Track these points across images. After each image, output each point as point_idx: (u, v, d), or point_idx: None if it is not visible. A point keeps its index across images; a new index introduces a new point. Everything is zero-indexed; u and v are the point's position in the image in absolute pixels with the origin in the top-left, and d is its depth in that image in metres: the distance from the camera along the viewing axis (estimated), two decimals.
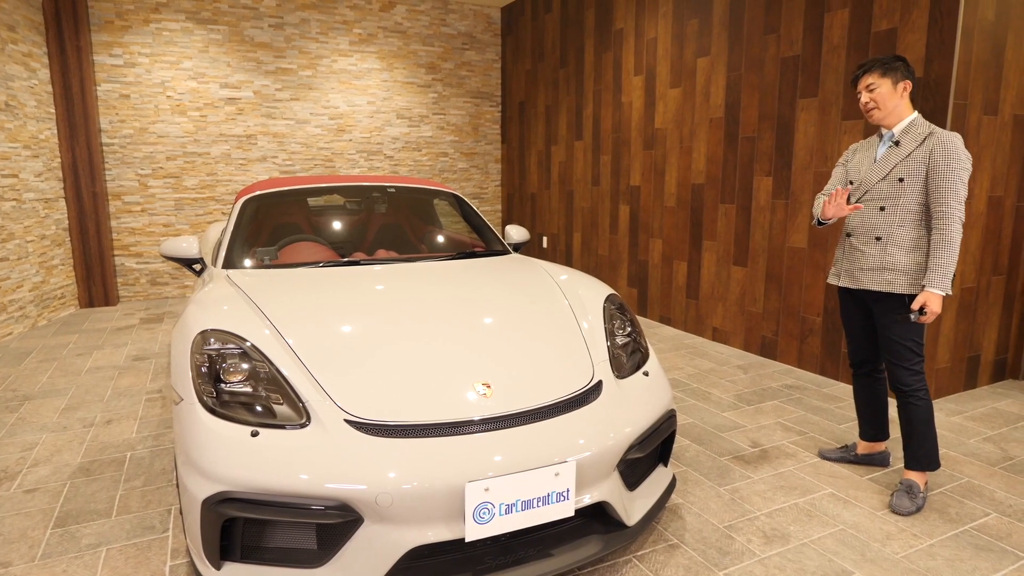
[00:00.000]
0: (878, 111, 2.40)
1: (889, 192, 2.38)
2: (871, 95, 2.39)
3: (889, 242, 2.38)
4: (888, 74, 2.36)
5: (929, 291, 2.26)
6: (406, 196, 3.60)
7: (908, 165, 2.33)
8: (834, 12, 3.73)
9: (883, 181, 2.39)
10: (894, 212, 2.37)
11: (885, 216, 2.39)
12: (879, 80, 2.37)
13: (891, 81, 2.36)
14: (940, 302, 2.26)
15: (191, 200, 6.46)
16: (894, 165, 2.36)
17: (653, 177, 5.35)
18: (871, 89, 2.39)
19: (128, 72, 6.03)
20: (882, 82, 2.37)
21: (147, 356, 4.43)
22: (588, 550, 1.83)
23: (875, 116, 2.42)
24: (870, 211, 2.44)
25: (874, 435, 2.71)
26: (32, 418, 3.30)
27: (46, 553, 2.12)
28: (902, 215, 2.36)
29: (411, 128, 7.39)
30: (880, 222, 2.41)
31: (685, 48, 4.90)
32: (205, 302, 2.16)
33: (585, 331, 2.24)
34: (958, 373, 3.64)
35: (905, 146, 2.35)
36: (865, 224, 2.45)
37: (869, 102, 2.40)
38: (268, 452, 1.65)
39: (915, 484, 2.42)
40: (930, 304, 2.25)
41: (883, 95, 2.37)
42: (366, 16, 6.95)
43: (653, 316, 5.51)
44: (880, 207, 2.40)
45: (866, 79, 2.41)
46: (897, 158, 2.36)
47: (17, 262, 5.02)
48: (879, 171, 2.41)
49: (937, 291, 2.25)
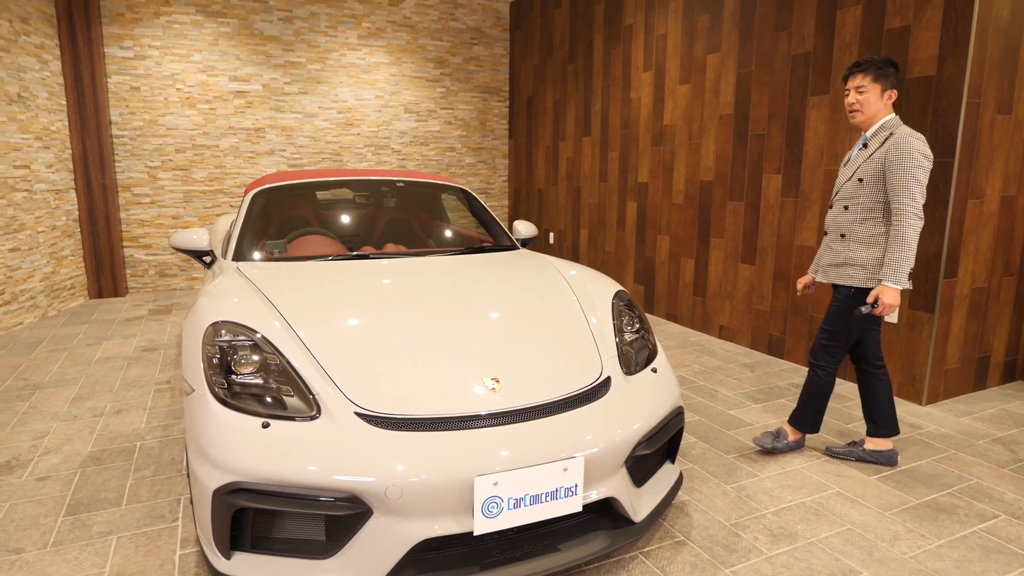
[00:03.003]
0: (860, 114, 2.48)
1: (852, 192, 2.51)
2: (859, 97, 2.45)
3: (850, 238, 2.52)
4: (879, 80, 2.43)
5: (883, 285, 2.39)
6: (414, 190, 3.61)
7: (868, 165, 2.45)
8: (846, 9, 3.70)
9: (849, 181, 2.53)
10: (856, 210, 2.51)
11: (848, 214, 2.53)
12: (870, 84, 2.44)
13: (880, 87, 2.44)
14: (895, 295, 2.37)
15: (200, 192, 6.48)
16: (857, 166, 2.49)
17: (661, 174, 5.34)
18: (860, 91, 2.45)
19: (138, 64, 6.05)
20: (872, 87, 2.43)
21: (156, 347, 4.45)
22: (595, 546, 1.84)
23: (857, 118, 2.51)
24: (839, 210, 2.57)
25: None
26: (43, 407, 3.33)
27: (58, 540, 2.14)
28: (862, 213, 2.49)
29: (419, 123, 7.39)
30: (844, 220, 2.55)
31: (695, 44, 4.87)
32: (216, 294, 2.17)
33: (594, 327, 2.24)
34: (967, 374, 3.63)
35: (871, 147, 2.46)
36: (835, 222, 2.60)
37: (855, 103, 2.47)
38: (279, 443, 1.66)
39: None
40: (883, 297, 2.38)
41: (869, 100, 2.45)
42: (375, 10, 6.95)
43: (660, 313, 5.50)
44: (845, 206, 2.55)
45: (857, 79, 2.46)
46: (861, 159, 2.49)
47: (28, 252, 5.06)
48: (847, 172, 2.54)
49: (891, 284, 2.38)
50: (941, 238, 3.31)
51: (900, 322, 3.53)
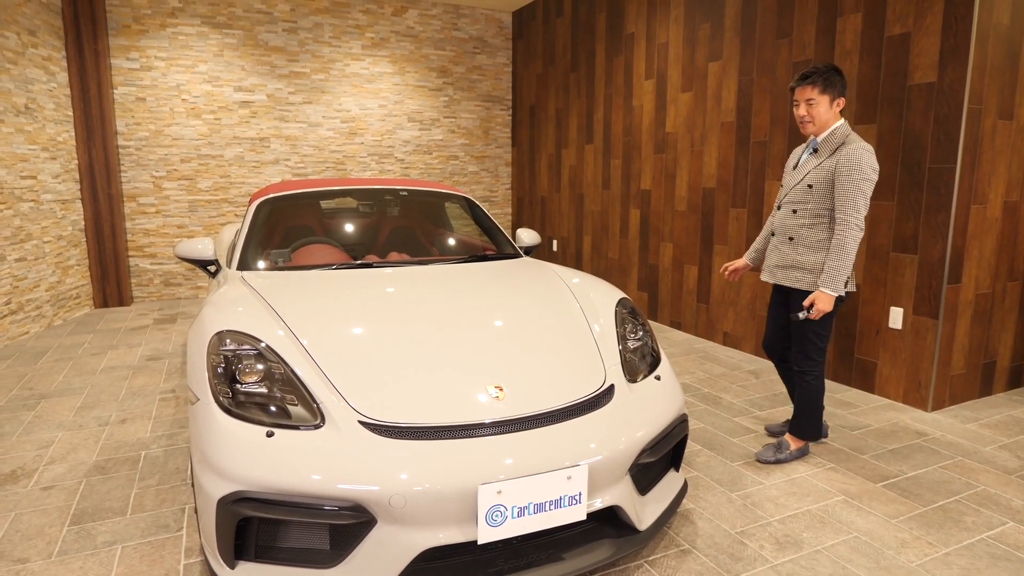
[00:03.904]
0: (812, 125, 2.54)
1: (801, 197, 2.57)
2: (809, 109, 2.51)
3: (798, 242, 2.60)
4: (828, 91, 2.49)
5: (820, 290, 2.49)
6: (418, 199, 3.62)
7: (818, 173, 2.51)
8: (847, 16, 3.72)
9: (798, 186, 2.58)
10: (804, 215, 2.58)
11: (796, 218, 2.60)
12: (819, 96, 2.49)
13: (829, 98, 2.49)
14: (829, 301, 2.47)
15: (205, 202, 6.52)
16: (807, 172, 2.54)
17: (664, 181, 5.35)
18: (811, 103, 2.50)
19: (144, 75, 6.10)
20: (821, 99, 2.49)
21: (160, 356, 4.47)
22: (600, 554, 1.83)
23: (808, 129, 2.57)
24: (787, 213, 2.63)
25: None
26: (48, 416, 3.34)
27: (63, 550, 2.14)
28: (810, 219, 2.56)
29: (422, 131, 7.43)
30: (792, 224, 2.61)
31: (696, 52, 4.89)
32: (221, 303, 2.18)
33: (597, 335, 2.24)
34: (973, 380, 3.61)
35: (821, 154, 2.52)
36: (783, 225, 2.66)
37: (805, 115, 2.52)
38: (283, 452, 1.66)
39: (786, 443, 2.78)
40: (818, 303, 2.48)
41: (820, 111, 2.51)
42: (378, 20, 7.00)
43: (663, 320, 5.50)
44: (793, 210, 2.61)
45: (807, 92, 2.50)
46: (811, 166, 2.54)
47: (34, 262, 5.09)
48: (796, 177, 2.60)
49: (827, 291, 2.46)
50: (944, 244, 3.30)
51: (905, 328, 3.52)
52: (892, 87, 3.50)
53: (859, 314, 3.77)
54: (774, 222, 2.75)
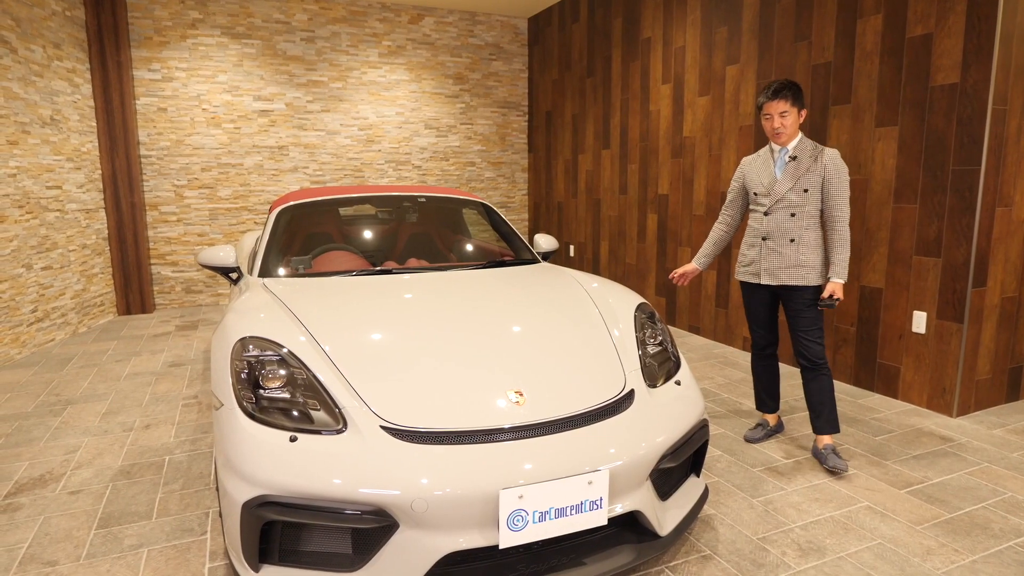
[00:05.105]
0: (785, 135, 2.75)
1: (797, 201, 2.76)
2: (783, 121, 2.72)
3: (800, 243, 2.78)
4: (796, 103, 2.72)
5: (835, 281, 2.70)
6: (436, 206, 3.64)
7: (809, 177, 2.74)
8: (867, 18, 3.69)
9: (791, 192, 2.76)
10: (802, 217, 2.77)
11: (795, 221, 2.78)
12: (790, 108, 2.72)
13: (797, 109, 2.73)
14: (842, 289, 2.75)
15: (225, 210, 6.61)
16: (798, 178, 2.74)
17: (681, 186, 5.33)
18: (784, 116, 2.72)
19: (166, 86, 6.21)
20: (792, 110, 2.72)
21: (183, 362, 4.53)
22: (620, 559, 1.82)
23: (782, 139, 2.76)
24: (784, 217, 2.79)
25: (775, 407, 3.13)
26: (75, 422, 3.40)
27: (90, 553, 2.18)
28: (808, 220, 2.77)
29: (439, 138, 7.47)
30: (792, 226, 2.78)
31: (714, 56, 4.88)
32: (243, 310, 2.21)
33: (616, 340, 2.24)
34: (999, 385, 3.55)
35: (802, 161, 2.74)
36: (781, 229, 2.80)
37: (780, 127, 2.73)
38: (306, 457, 1.68)
39: (832, 445, 2.82)
40: (838, 292, 2.70)
41: (791, 123, 2.74)
42: (395, 28, 7.06)
43: (682, 325, 5.47)
44: (791, 214, 2.78)
45: (780, 105, 2.71)
46: (800, 171, 2.74)
47: (60, 271, 5.19)
48: (787, 183, 2.76)
49: (841, 280, 2.71)
50: (969, 247, 3.25)
51: (928, 333, 3.47)
52: (914, 89, 3.47)
53: (881, 319, 3.72)
54: (765, 227, 2.84)
